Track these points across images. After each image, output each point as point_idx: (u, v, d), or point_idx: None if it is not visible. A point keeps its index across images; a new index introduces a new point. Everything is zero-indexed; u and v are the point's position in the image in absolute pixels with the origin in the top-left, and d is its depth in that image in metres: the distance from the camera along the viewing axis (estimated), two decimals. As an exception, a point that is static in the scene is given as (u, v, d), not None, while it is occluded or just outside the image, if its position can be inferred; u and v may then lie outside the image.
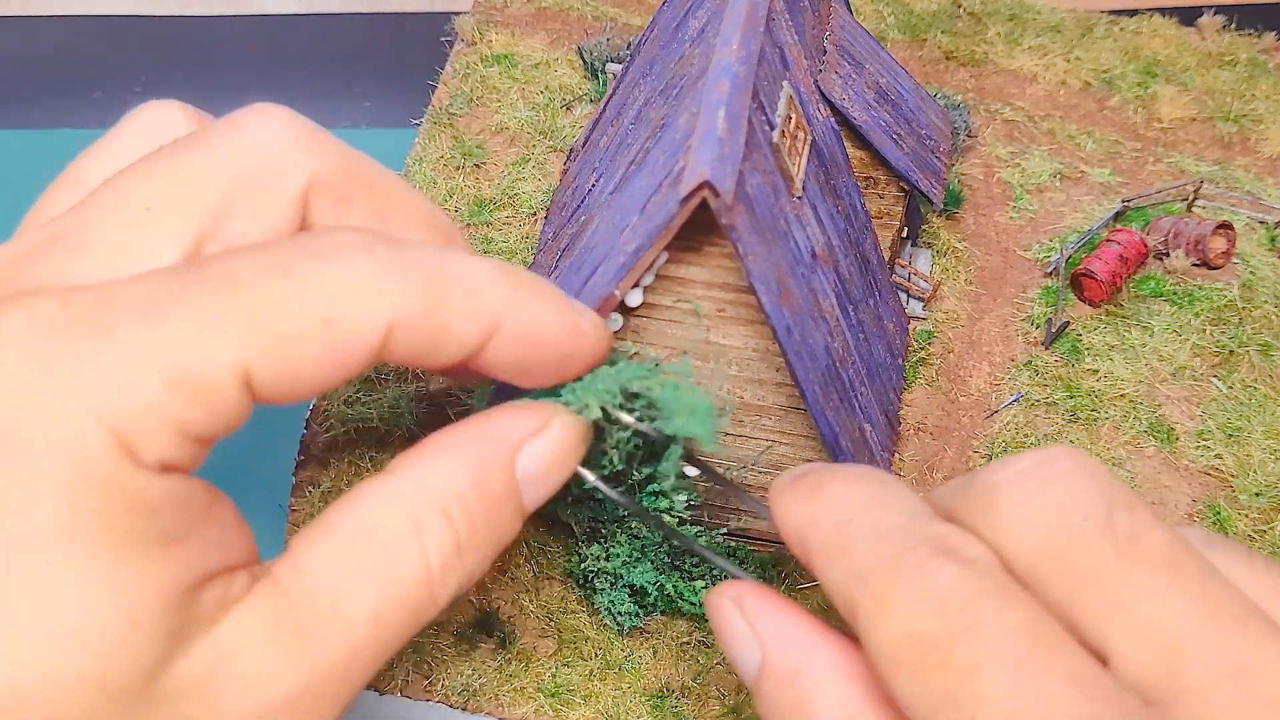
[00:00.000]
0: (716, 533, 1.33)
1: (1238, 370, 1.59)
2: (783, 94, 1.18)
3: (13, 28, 2.07)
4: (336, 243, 0.56)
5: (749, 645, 0.59)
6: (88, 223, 0.58)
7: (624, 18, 2.04)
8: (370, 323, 0.55)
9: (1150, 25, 2.06)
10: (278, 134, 0.63)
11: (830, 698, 0.55)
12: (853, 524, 0.56)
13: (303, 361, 0.54)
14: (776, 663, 0.58)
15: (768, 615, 0.59)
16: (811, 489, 0.60)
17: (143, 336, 0.50)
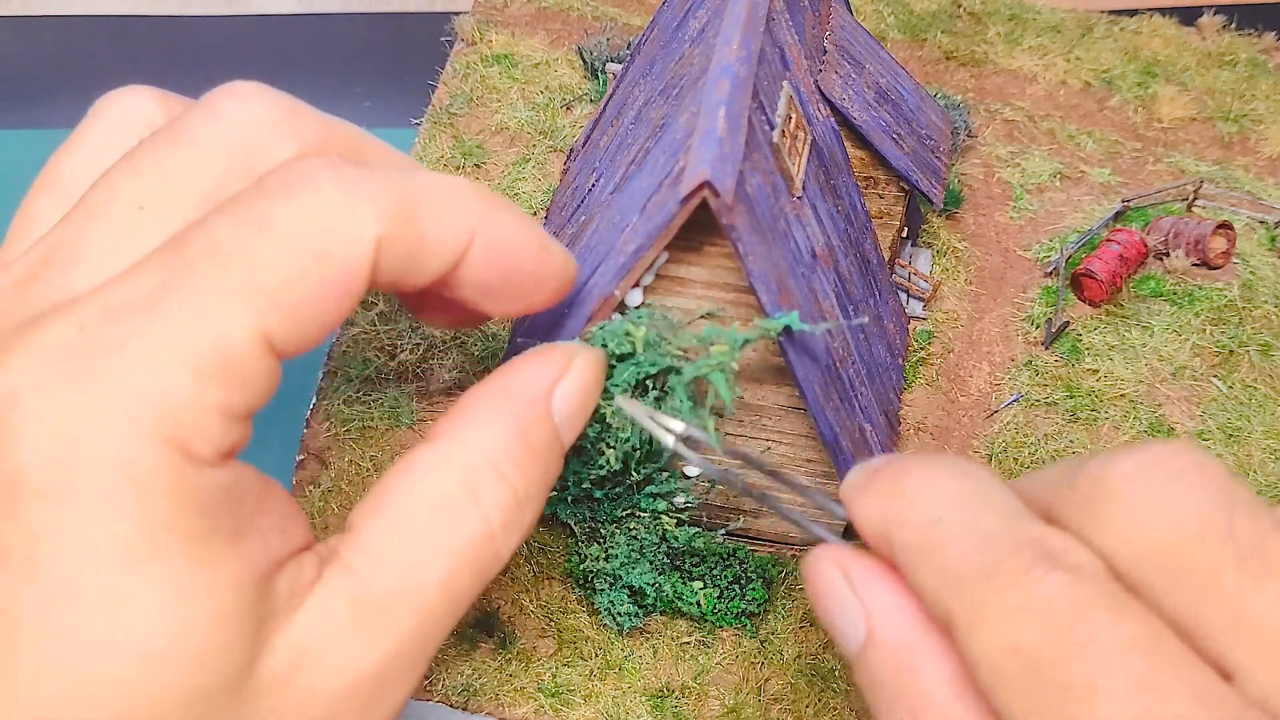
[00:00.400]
0: (717, 533, 1.33)
1: (1238, 370, 1.59)
2: (783, 94, 1.18)
3: (13, 28, 2.08)
4: (301, 172, 0.55)
5: (854, 616, 0.56)
6: (79, 232, 0.58)
7: (624, 18, 2.04)
8: (358, 244, 0.55)
9: (1150, 25, 2.06)
10: (259, 115, 0.63)
11: (944, 675, 0.52)
12: (943, 523, 0.53)
13: (309, 304, 0.53)
14: (885, 634, 0.55)
15: (877, 587, 0.56)
16: (894, 483, 0.57)
17: (156, 338, 0.50)
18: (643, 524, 1.27)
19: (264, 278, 0.52)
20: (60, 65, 2.03)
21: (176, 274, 0.51)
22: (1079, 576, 0.47)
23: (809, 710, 1.29)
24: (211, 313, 0.50)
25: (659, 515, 1.27)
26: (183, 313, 0.50)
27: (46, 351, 0.49)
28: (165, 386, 0.49)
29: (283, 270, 0.52)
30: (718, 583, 1.31)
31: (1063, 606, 0.46)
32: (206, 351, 0.50)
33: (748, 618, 1.32)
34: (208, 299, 0.50)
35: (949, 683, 0.52)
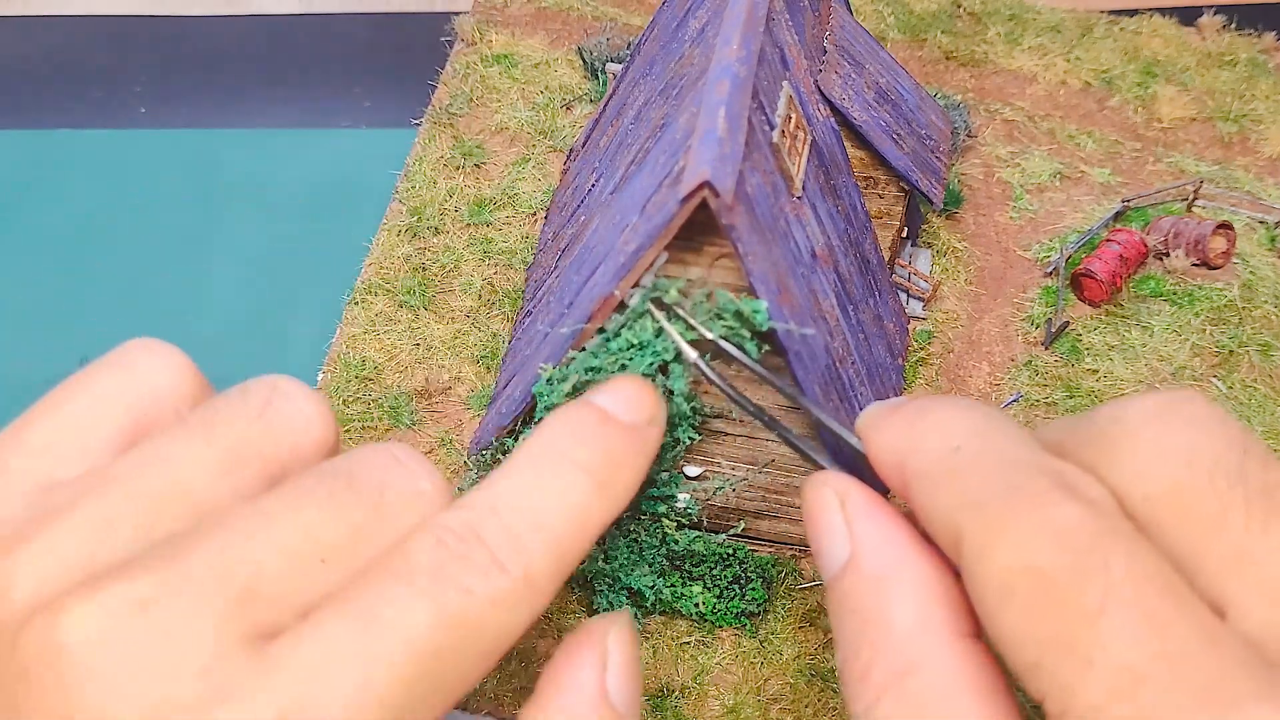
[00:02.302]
0: (717, 536, 1.33)
1: (1238, 370, 1.59)
2: (783, 94, 1.18)
3: (13, 28, 2.08)
4: None
5: (839, 539, 0.57)
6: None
7: (624, 18, 2.04)
8: None
9: (1150, 25, 2.06)
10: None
11: (911, 609, 0.53)
12: (963, 451, 0.53)
13: None
14: (865, 563, 0.55)
15: (868, 516, 0.57)
16: (916, 414, 0.58)
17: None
18: (643, 526, 1.27)
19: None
20: (60, 65, 2.03)
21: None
22: (1096, 508, 0.48)
23: (808, 710, 1.29)
24: None
25: (659, 518, 1.27)
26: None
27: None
28: None
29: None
30: (718, 583, 1.31)
31: (1079, 533, 0.46)
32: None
33: (748, 618, 1.32)
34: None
35: (914, 619, 0.53)
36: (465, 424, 1.51)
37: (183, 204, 1.87)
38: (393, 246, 1.69)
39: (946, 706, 0.50)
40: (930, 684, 0.51)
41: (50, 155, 1.90)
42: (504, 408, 1.32)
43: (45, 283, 1.77)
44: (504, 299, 1.63)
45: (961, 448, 0.54)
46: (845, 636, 0.55)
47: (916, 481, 0.55)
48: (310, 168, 1.89)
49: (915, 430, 0.57)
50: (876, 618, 0.54)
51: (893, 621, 0.53)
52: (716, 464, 1.28)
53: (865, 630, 0.54)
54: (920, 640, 0.52)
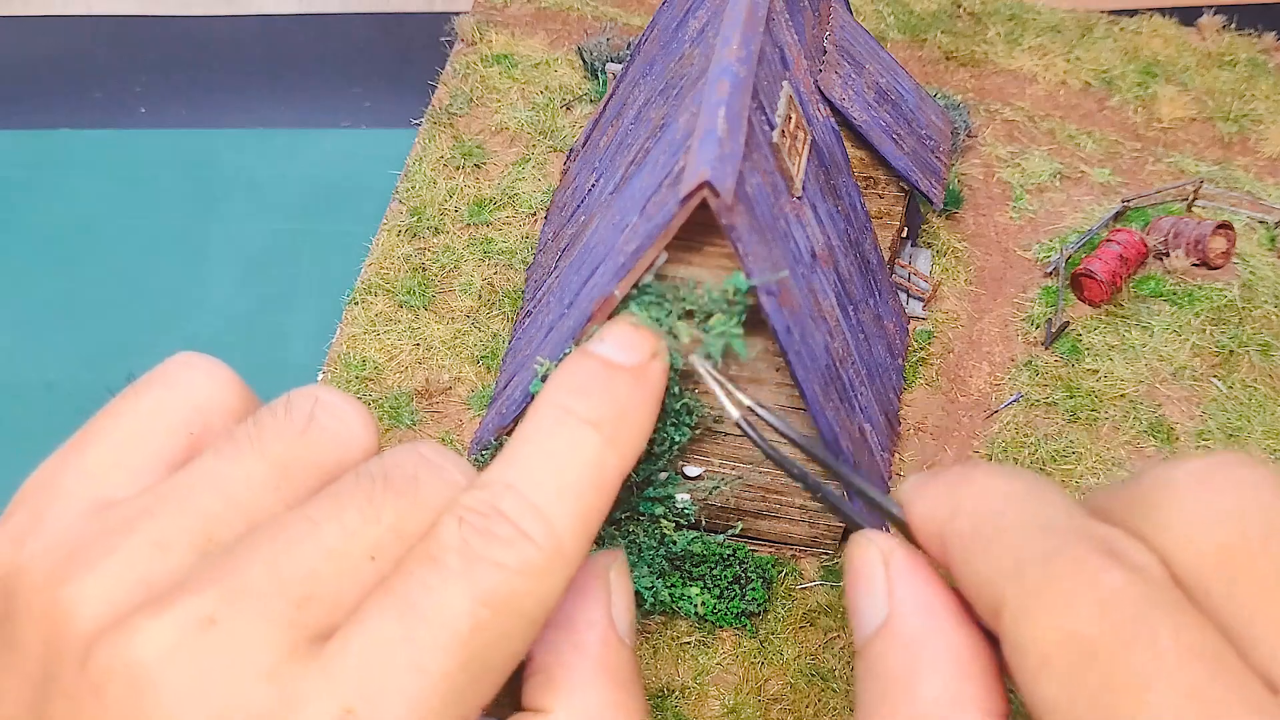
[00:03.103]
0: (717, 536, 1.33)
1: (1238, 370, 1.59)
2: (783, 94, 1.18)
3: (13, 28, 2.08)
4: None
5: (879, 600, 0.56)
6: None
7: (624, 18, 2.04)
8: None
9: (1150, 25, 2.06)
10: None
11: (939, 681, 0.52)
12: (1005, 516, 0.52)
13: None
14: (900, 627, 0.54)
15: (909, 579, 0.56)
16: (958, 480, 0.56)
17: None
18: (641, 527, 1.27)
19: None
20: (60, 65, 2.03)
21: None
22: (1142, 575, 0.46)
23: (808, 710, 1.28)
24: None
25: (658, 519, 1.27)
26: None
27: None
28: None
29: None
30: (718, 583, 1.31)
31: (1124, 602, 0.45)
32: None
33: (748, 618, 1.32)
34: None
35: (944, 690, 0.51)
36: (465, 424, 1.51)
37: (183, 204, 1.87)
38: (393, 246, 1.69)
39: None
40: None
41: (50, 155, 1.90)
42: (504, 408, 1.32)
43: (45, 282, 1.77)
44: (504, 299, 1.63)
45: (1004, 513, 0.52)
46: (866, 700, 0.54)
47: (956, 547, 0.54)
48: (310, 168, 1.89)
49: (956, 496, 0.55)
50: (903, 682, 0.52)
51: (919, 692, 0.52)
52: (714, 464, 1.28)
53: (888, 695, 0.53)
54: (944, 713, 0.51)
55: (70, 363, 1.67)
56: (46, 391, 1.63)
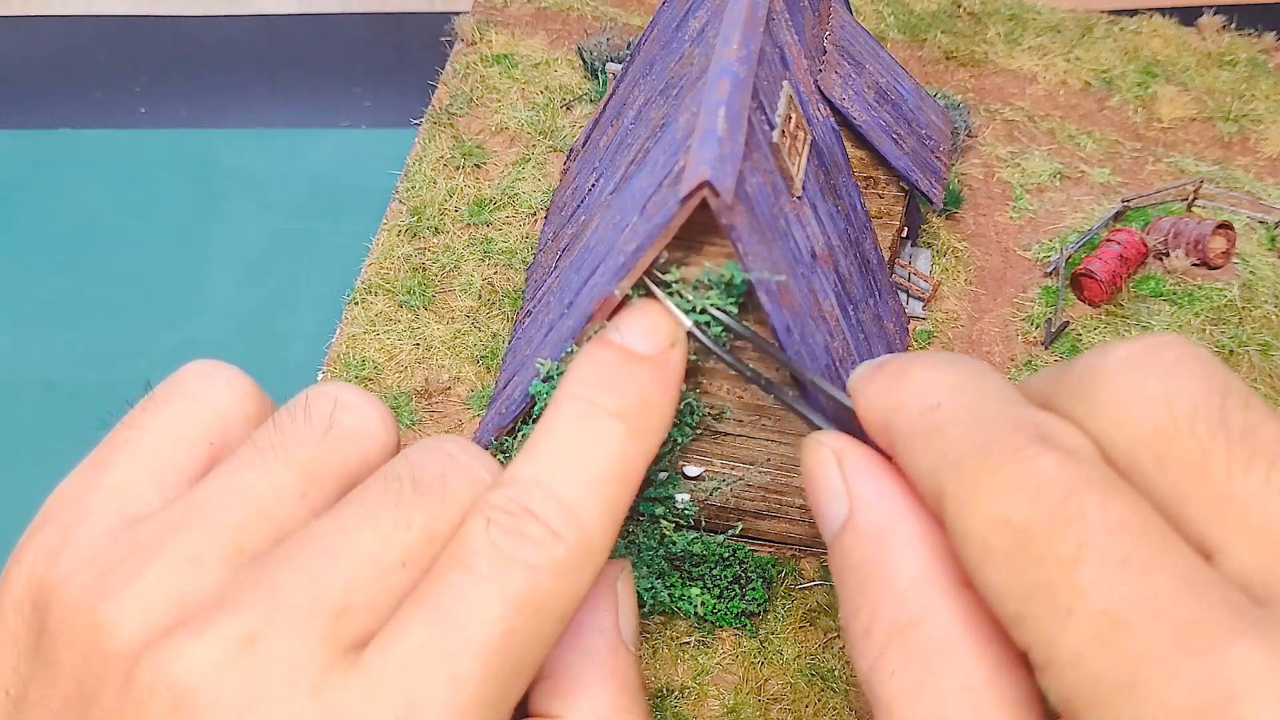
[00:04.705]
0: (717, 536, 1.33)
1: (1238, 370, 1.59)
2: (783, 94, 1.18)
3: (13, 28, 2.08)
4: None
5: (838, 498, 0.57)
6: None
7: (624, 18, 2.04)
8: None
9: (1150, 25, 2.06)
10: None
11: (911, 562, 0.53)
12: (942, 408, 0.53)
13: None
14: (863, 520, 0.56)
15: (864, 473, 0.57)
16: (896, 373, 0.58)
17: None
18: (641, 527, 1.27)
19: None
20: (60, 65, 2.03)
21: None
22: (1073, 458, 0.48)
23: (808, 710, 1.29)
24: None
25: (658, 519, 1.27)
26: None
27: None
28: None
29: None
30: (718, 583, 1.31)
31: (1055, 485, 0.46)
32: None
33: (747, 618, 1.32)
34: None
35: (915, 574, 0.53)
36: (465, 424, 1.51)
37: (183, 204, 1.87)
38: (393, 246, 1.69)
39: (950, 656, 0.50)
40: (933, 635, 0.51)
41: (50, 155, 1.90)
42: (504, 408, 1.32)
43: (45, 282, 1.77)
44: (504, 299, 1.63)
45: (941, 405, 0.54)
46: (847, 594, 0.55)
47: (900, 441, 0.55)
48: (310, 167, 1.89)
49: (897, 388, 0.57)
50: (877, 573, 0.54)
51: (893, 576, 0.53)
52: (715, 464, 1.28)
53: (866, 586, 0.54)
54: (921, 593, 0.52)
55: (70, 363, 1.67)
56: (46, 391, 1.63)
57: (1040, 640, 0.45)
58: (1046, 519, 0.46)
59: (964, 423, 0.52)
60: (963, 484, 0.49)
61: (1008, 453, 0.48)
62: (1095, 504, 0.46)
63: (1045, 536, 0.45)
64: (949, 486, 0.50)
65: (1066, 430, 0.50)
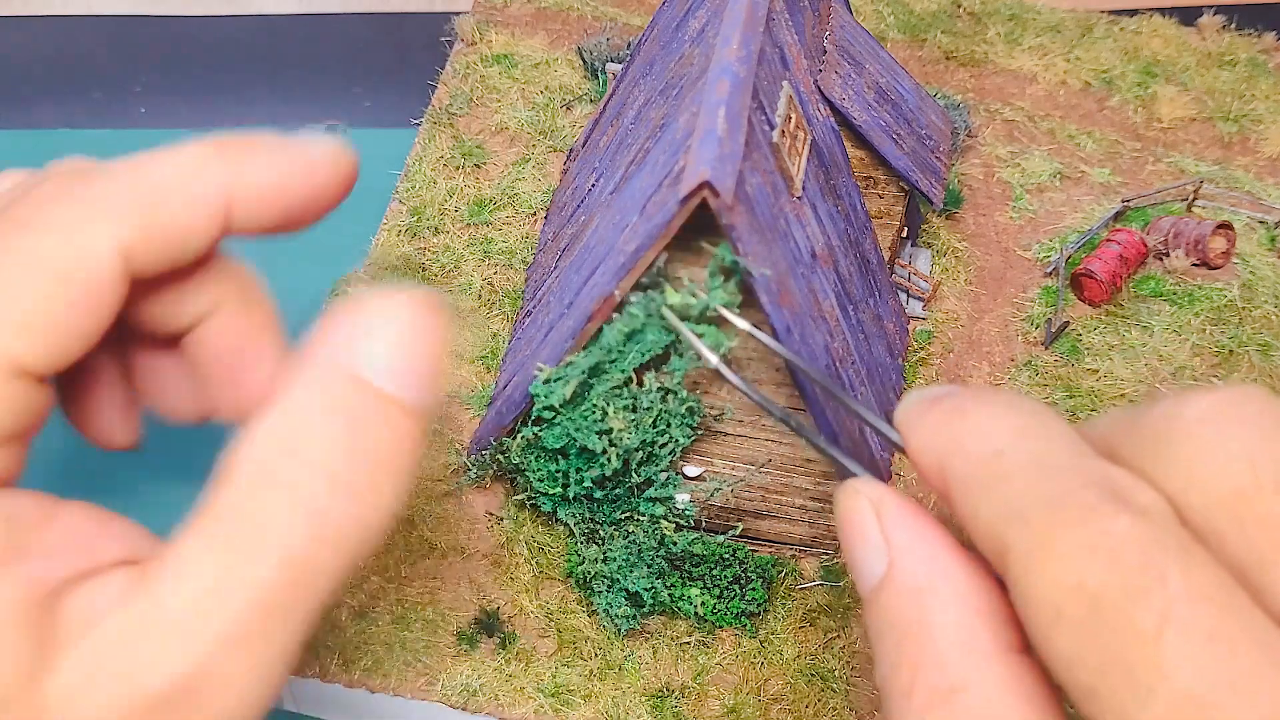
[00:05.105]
0: (718, 537, 1.33)
1: (1238, 370, 1.59)
2: (783, 94, 1.18)
3: (13, 28, 2.07)
4: (38, 201, 0.58)
5: (877, 551, 0.54)
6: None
7: (624, 18, 2.04)
8: (99, 258, 0.57)
9: (1150, 25, 2.06)
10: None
11: (954, 622, 0.50)
12: (1007, 455, 0.50)
13: (59, 324, 0.57)
14: (903, 576, 0.53)
15: (904, 526, 0.54)
16: (954, 412, 0.54)
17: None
18: (641, 528, 1.27)
19: (7, 305, 0.54)
20: (60, 65, 2.03)
21: None
22: (1149, 519, 0.45)
23: (809, 710, 1.29)
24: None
25: (658, 520, 1.27)
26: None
27: None
28: None
29: (24, 297, 0.55)
30: (718, 583, 1.31)
31: (1132, 548, 0.44)
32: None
33: (747, 618, 1.32)
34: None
35: (958, 634, 0.50)
36: (465, 424, 1.50)
37: (183, 204, 1.86)
38: (393, 246, 1.69)
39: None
40: (979, 703, 0.49)
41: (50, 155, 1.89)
42: (503, 408, 1.32)
43: (45, 283, 1.77)
44: (504, 299, 1.63)
45: (1004, 451, 0.51)
46: (884, 651, 0.52)
47: (957, 487, 0.52)
48: (310, 168, 1.88)
49: (956, 429, 0.54)
50: (918, 632, 0.51)
51: (935, 636, 0.51)
52: (715, 464, 1.28)
53: (905, 645, 0.52)
54: (966, 657, 0.50)
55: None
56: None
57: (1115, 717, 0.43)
58: (1124, 586, 0.43)
59: (1031, 473, 0.49)
60: (1031, 540, 0.46)
61: (1079, 510, 0.46)
62: (1176, 571, 0.43)
63: (1123, 605, 0.43)
64: (1015, 542, 0.47)
65: (1140, 488, 0.47)
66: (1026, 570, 0.46)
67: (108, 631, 0.52)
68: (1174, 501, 0.47)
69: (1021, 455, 0.50)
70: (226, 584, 0.52)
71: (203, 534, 0.53)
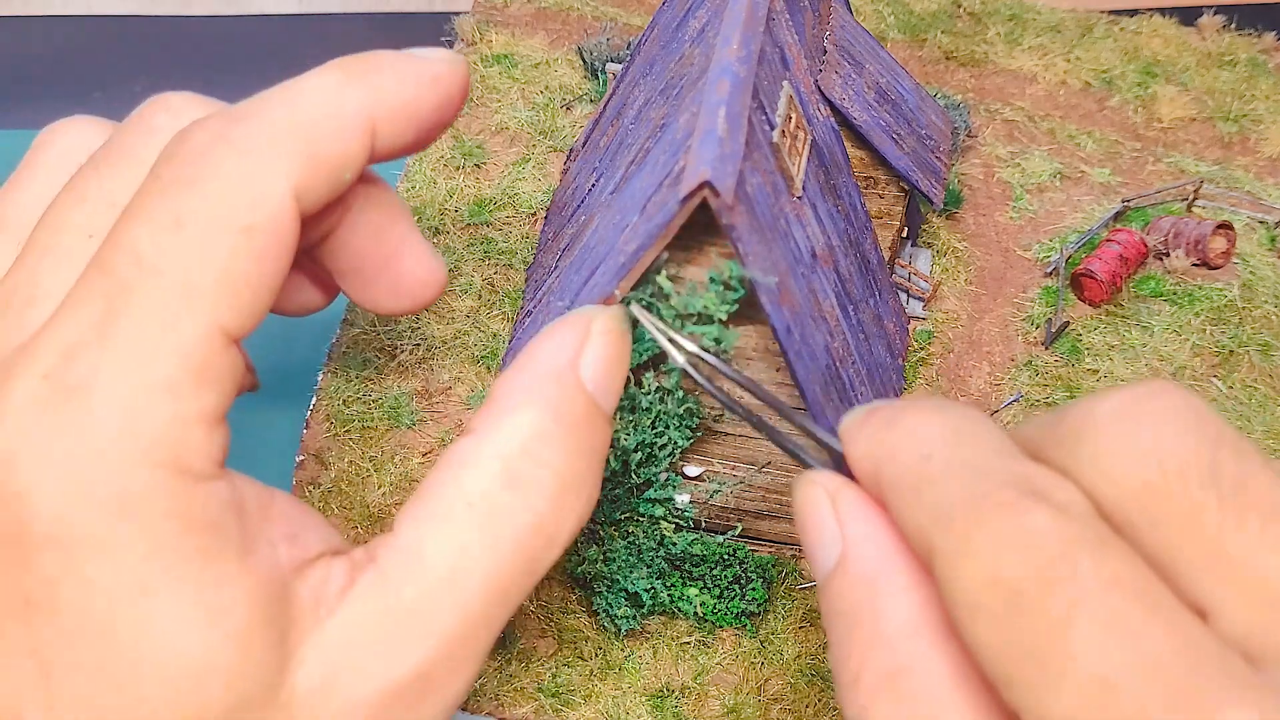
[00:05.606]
0: (718, 537, 1.33)
1: (1238, 370, 1.59)
2: (783, 94, 1.18)
3: (13, 28, 2.08)
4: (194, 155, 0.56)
5: (831, 540, 0.56)
6: (34, 271, 0.57)
7: (624, 18, 2.04)
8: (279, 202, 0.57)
9: (1150, 25, 2.06)
10: None
11: (902, 609, 0.52)
12: (934, 459, 0.52)
13: (251, 282, 0.56)
14: (855, 564, 0.55)
15: (858, 516, 0.56)
16: (888, 421, 0.57)
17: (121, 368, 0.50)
18: (641, 528, 1.27)
19: (200, 274, 0.52)
20: (60, 65, 2.03)
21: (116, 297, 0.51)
22: (1065, 513, 0.47)
23: (809, 710, 1.29)
24: (164, 326, 0.51)
25: (658, 520, 1.27)
26: (137, 334, 0.50)
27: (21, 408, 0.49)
28: (144, 413, 0.49)
29: (216, 260, 0.53)
30: (718, 583, 1.31)
31: (1047, 541, 0.46)
32: (173, 365, 0.50)
33: (748, 618, 1.32)
34: (155, 313, 0.51)
35: (905, 621, 0.52)
36: (465, 424, 1.51)
37: (183, 204, 1.86)
38: (393, 246, 1.69)
39: (939, 708, 0.49)
40: (922, 685, 0.50)
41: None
42: (504, 408, 1.32)
43: (45, 283, 1.77)
44: (504, 299, 1.63)
45: (932, 456, 0.53)
46: (836, 638, 0.54)
47: (890, 492, 0.54)
48: (310, 168, 1.88)
49: (889, 436, 0.56)
50: (868, 619, 0.53)
51: (884, 622, 0.52)
52: (715, 465, 1.28)
53: (855, 632, 0.53)
54: (912, 641, 0.51)
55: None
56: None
57: (1030, 703, 0.44)
58: (1038, 577, 0.45)
59: (956, 475, 0.51)
60: (953, 539, 0.48)
61: (998, 507, 0.47)
62: (1087, 560, 0.45)
63: (1036, 596, 0.45)
64: (939, 541, 0.49)
65: (1059, 484, 0.49)
66: (950, 567, 0.48)
67: (346, 621, 0.53)
68: (1091, 496, 0.49)
69: (948, 458, 0.52)
70: (462, 573, 0.55)
71: (433, 523, 0.56)
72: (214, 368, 0.52)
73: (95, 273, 0.52)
